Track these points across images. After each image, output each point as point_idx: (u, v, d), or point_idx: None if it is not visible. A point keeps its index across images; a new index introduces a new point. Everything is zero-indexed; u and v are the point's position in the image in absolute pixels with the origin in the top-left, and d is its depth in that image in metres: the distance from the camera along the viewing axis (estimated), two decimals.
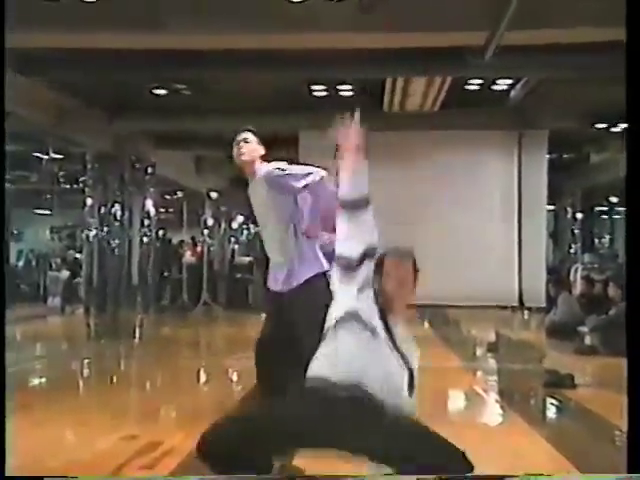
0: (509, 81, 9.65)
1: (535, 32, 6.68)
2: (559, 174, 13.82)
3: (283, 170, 3.74)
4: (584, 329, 8.22)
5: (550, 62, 7.54)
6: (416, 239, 11.29)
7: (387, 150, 10.25)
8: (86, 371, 7.06)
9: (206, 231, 17.59)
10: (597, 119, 10.98)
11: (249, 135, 3.82)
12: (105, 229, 12.86)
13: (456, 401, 5.47)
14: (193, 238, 16.51)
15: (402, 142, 11.03)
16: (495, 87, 9.92)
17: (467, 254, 11.21)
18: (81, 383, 6.40)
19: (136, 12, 6.49)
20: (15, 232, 17.52)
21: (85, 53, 7.41)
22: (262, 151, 3.85)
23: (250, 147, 3.80)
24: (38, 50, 6.95)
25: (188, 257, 15.00)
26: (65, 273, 14.86)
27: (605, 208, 20.20)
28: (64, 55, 7.52)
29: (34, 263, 18.12)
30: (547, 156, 12.04)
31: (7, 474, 2.17)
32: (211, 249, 17.18)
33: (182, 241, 16.55)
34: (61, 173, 15.57)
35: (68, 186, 16.25)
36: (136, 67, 7.91)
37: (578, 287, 10.96)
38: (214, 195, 17.38)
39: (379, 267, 2.55)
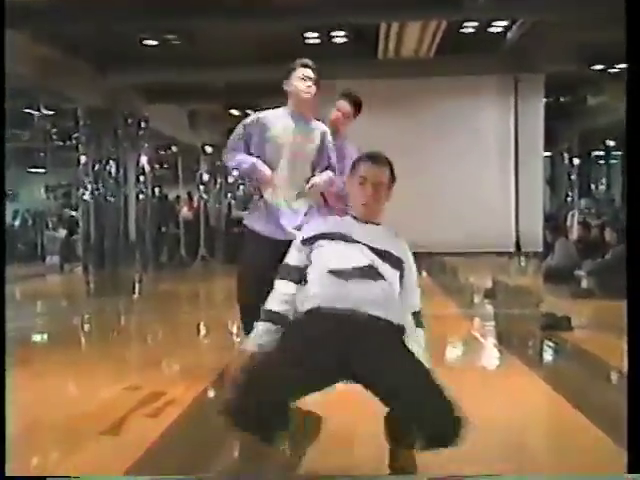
0: (505, 23, 9.47)
1: None
2: (556, 118, 13.68)
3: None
4: (581, 273, 8.28)
5: (546, 2, 7.39)
6: (412, 187, 11.31)
7: (381, 98, 10.10)
8: (87, 326, 7.12)
9: (202, 186, 17.51)
10: (594, 60, 10.79)
11: (311, 72, 3.69)
12: (100, 186, 12.79)
13: (455, 346, 5.53)
14: (189, 193, 16.44)
15: (397, 89, 10.88)
16: (491, 30, 9.73)
17: (464, 201, 11.17)
18: (82, 338, 6.46)
19: None
20: (10, 192, 17.42)
21: (72, 3, 7.24)
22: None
23: (314, 86, 3.70)
24: (24, 2, 6.77)
25: (185, 213, 14.98)
26: (62, 232, 14.85)
27: (602, 153, 20.09)
28: (52, 6, 7.35)
29: (30, 222, 18.08)
30: (544, 100, 11.90)
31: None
32: (208, 204, 17.12)
33: (178, 197, 16.49)
34: (53, 130, 15.40)
35: (61, 143, 16.09)
36: (126, 17, 7.74)
37: (575, 232, 10.98)
38: (209, 149, 17.24)
39: (354, 171, 2.62)
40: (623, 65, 10.46)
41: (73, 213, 15.86)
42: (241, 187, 22.83)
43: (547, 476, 2.54)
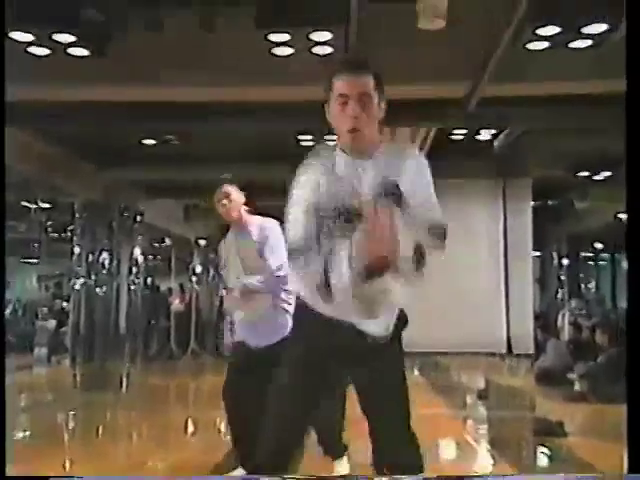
0: (493, 131, 9.87)
1: (516, 84, 6.88)
2: (544, 221, 13.98)
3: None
4: (573, 375, 8.23)
5: (532, 113, 7.73)
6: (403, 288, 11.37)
7: None
8: (72, 423, 6.96)
9: (194, 278, 17.53)
10: (579, 168, 11.19)
11: (229, 189, 3.89)
12: (93, 277, 12.81)
13: (446, 449, 5.42)
14: (181, 285, 16.45)
15: None
16: (479, 137, 10.13)
17: (454, 301, 11.24)
18: (66, 436, 6.30)
19: (125, 66, 6.62)
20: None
21: (74, 106, 7.51)
22: (243, 199, 3.92)
23: (234, 203, 3.87)
24: (26, 102, 7.04)
25: (176, 305, 14.91)
26: (52, 322, 14.71)
27: (590, 254, 20.40)
28: (53, 107, 7.62)
29: (21, 312, 17.95)
30: (532, 203, 12.21)
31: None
32: (199, 296, 17.10)
33: (170, 288, 16.48)
34: (49, 222, 15.58)
35: (56, 235, 16.24)
36: (125, 119, 8.01)
37: (566, 333, 10.99)
38: (202, 242, 17.40)
39: (331, 93, 2.08)
40: (607, 173, 10.86)
41: (64, 304, 15.78)
42: None
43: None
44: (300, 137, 9.89)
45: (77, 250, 12.92)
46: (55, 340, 13.96)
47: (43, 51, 6.23)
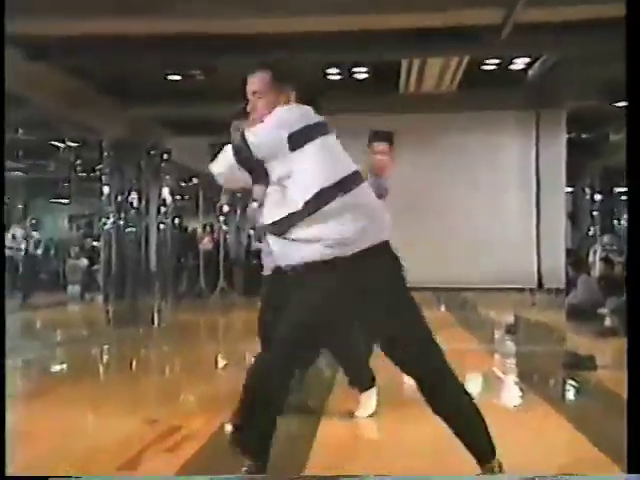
0: (526, 60, 9.52)
1: (552, 9, 6.59)
2: (578, 154, 13.63)
3: None
4: (604, 311, 8.16)
5: (567, 40, 7.42)
6: (434, 223, 11.28)
7: (402, 133, 10.13)
8: (106, 357, 7.13)
9: (222, 218, 17.59)
10: (616, 97, 10.78)
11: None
12: (122, 217, 12.93)
13: (475, 383, 5.43)
14: (211, 225, 16.54)
15: (418, 124, 10.92)
16: (512, 66, 9.79)
17: (485, 236, 11.12)
18: (101, 368, 6.46)
19: None
20: (33, 221, 17.65)
21: (99, 39, 7.40)
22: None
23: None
24: (52, 37, 6.96)
25: (205, 244, 15.03)
26: (84, 261, 14.96)
27: (624, 189, 19.92)
28: (78, 41, 7.52)
29: (53, 252, 18.26)
30: (566, 136, 11.89)
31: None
32: (227, 235, 17.19)
33: (200, 227, 16.61)
34: (78, 161, 15.65)
35: (85, 174, 16.33)
36: (150, 52, 7.89)
37: (597, 269, 10.86)
38: None
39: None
40: None
41: (95, 243, 16.01)
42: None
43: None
44: (327, 70, 9.67)
45: (106, 190, 13.00)
46: (87, 278, 14.23)
47: None
